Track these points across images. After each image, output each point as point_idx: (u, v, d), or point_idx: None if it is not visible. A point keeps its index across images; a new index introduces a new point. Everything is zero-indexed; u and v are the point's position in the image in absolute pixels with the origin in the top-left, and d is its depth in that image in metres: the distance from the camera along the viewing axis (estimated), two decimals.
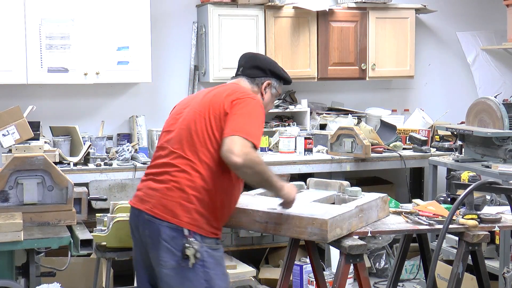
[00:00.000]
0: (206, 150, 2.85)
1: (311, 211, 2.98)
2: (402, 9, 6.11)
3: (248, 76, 3.12)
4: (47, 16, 5.07)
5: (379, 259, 5.58)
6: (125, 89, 5.73)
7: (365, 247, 2.99)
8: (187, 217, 2.80)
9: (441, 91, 6.68)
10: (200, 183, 2.83)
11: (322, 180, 3.52)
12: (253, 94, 3.00)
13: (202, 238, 2.81)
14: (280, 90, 3.21)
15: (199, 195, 2.83)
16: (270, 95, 3.14)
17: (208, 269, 2.82)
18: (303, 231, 2.93)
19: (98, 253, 3.75)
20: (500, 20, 6.43)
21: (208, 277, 2.82)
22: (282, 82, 3.19)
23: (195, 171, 2.84)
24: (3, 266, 3.23)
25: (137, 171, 5.01)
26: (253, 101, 2.91)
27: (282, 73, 3.18)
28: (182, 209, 2.81)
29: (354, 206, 3.08)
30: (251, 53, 3.29)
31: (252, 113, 2.85)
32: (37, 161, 3.36)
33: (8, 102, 5.07)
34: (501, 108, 5.01)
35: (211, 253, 2.84)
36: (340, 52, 5.92)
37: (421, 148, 5.69)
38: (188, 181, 2.83)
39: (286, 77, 3.19)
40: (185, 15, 5.85)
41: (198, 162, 2.84)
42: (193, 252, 2.77)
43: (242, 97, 2.90)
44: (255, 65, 3.13)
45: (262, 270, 5.43)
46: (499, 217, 3.25)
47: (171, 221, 2.81)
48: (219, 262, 2.88)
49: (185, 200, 2.82)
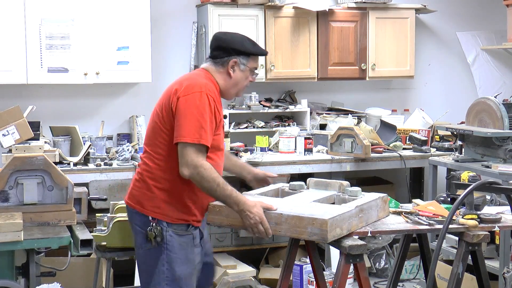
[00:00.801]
0: (161, 143, 3.06)
1: (311, 211, 2.98)
2: (402, 9, 6.11)
3: (213, 58, 3.19)
4: (47, 16, 5.07)
5: (379, 259, 5.58)
6: (125, 89, 5.73)
7: (365, 247, 2.99)
8: (150, 206, 3.08)
9: (441, 91, 6.68)
10: (159, 173, 3.07)
11: (322, 180, 3.52)
12: (198, 86, 3.01)
13: (168, 224, 3.06)
14: (254, 64, 3.20)
15: (160, 185, 3.07)
16: (240, 73, 3.16)
17: (170, 252, 3.06)
18: (303, 231, 2.93)
19: (98, 253, 3.75)
20: (500, 20, 6.43)
21: (170, 259, 3.06)
22: (251, 57, 3.18)
23: (153, 163, 3.08)
24: (3, 266, 3.23)
25: None
26: (195, 97, 2.98)
27: (247, 47, 3.16)
28: (145, 198, 3.09)
29: (354, 206, 3.07)
30: (216, 34, 3.31)
31: (194, 111, 2.96)
32: (37, 161, 3.36)
33: (8, 102, 5.07)
34: (501, 108, 5.01)
35: (175, 238, 3.07)
36: (340, 52, 5.92)
37: (421, 148, 5.69)
38: (148, 172, 3.09)
39: (252, 50, 3.17)
40: (185, 15, 5.85)
41: (156, 155, 3.08)
42: (153, 235, 3.04)
43: (186, 93, 3.00)
44: (218, 45, 3.18)
45: (262, 270, 5.43)
46: (499, 217, 3.25)
47: (139, 210, 3.10)
48: (183, 247, 3.08)
49: (147, 190, 3.09)
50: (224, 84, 3.17)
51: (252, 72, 3.21)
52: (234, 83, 3.17)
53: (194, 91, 3.00)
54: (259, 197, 3.25)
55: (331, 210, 2.99)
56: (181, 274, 3.08)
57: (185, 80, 3.11)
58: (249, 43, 3.18)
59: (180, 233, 3.09)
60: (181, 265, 3.08)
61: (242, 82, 3.19)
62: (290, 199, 3.26)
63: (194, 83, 3.05)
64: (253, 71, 3.22)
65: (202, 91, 3.00)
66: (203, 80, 3.08)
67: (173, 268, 3.06)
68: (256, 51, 3.19)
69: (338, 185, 3.44)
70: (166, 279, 3.07)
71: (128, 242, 3.69)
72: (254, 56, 3.19)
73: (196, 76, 3.13)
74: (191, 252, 3.12)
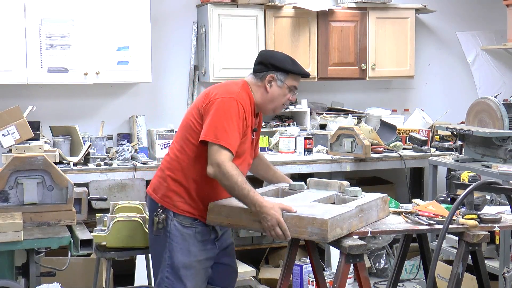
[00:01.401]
0: (186, 138, 3.21)
1: (311, 211, 2.98)
2: (402, 9, 6.11)
3: (254, 72, 3.32)
4: (47, 16, 5.07)
5: (379, 259, 5.58)
6: (125, 89, 5.73)
7: (365, 247, 2.99)
8: (161, 194, 3.24)
9: (441, 91, 6.68)
10: (175, 165, 3.23)
11: (322, 180, 3.52)
12: (230, 93, 3.15)
13: (174, 214, 3.20)
14: (292, 82, 3.29)
15: (174, 175, 3.22)
16: (277, 89, 3.26)
17: (172, 241, 3.21)
18: (303, 231, 2.93)
19: (98, 253, 3.75)
20: (500, 20, 6.43)
21: (171, 248, 3.21)
22: (290, 75, 3.26)
23: (174, 155, 3.25)
24: (3, 266, 3.23)
25: (137, 171, 5.02)
26: (224, 101, 3.11)
27: (286, 65, 3.26)
28: (159, 186, 3.26)
29: (354, 206, 3.07)
30: (261, 50, 3.48)
31: (221, 113, 3.09)
32: (37, 161, 3.36)
33: (8, 102, 5.07)
34: (501, 108, 5.01)
35: (179, 229, 3.20)
36: (340, 52, 5.92)
37: (421, 148, 5.69)
38: (167, 162, 3.27)
39: (291, 68, 3.26)
40: (185, 15, 5.85)
41: (180, 148, 3.23)
42: (156, 221, 3.20)
43: (216, 98, 3.14)
44: (259, 60, 3.34)
45: (262, 270, 5.43)
46: (499, 217, 3.25)
47: (152, 196, 3.27)
48: (185, 239, 3.21)
49: (162, 179, 3.26)
50: (261, 98, 3.27)
51: (290, 91, 3.29)
52: (271, 99, 3.28)
53: (225, 96, 3.14)
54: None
55: (331, 210, 2.99)
56: (179, 264, 3.20)
57: (222, 86, 3.25)
58: (289, 62, 3.28)
59: (184, 224, 3.21)
60: (181, 255, 3.20)
61: (280, 98, 3.29)
62: (290, 199, 3.26)
63: (228, 90, 3.19)
64: (292, 90, 3.30)
65: (232, 97, 3.13)
66: (238, 90, 3.19)
67: (172, 256, 3.21)
68: (294, 69, 3.27)
69: (338, 185, 3.45)
70: (167, 266, 3.22)
71: (128, 242, 3.70)
72: (292, 74, 3.27)
73: (232, 85, 3.25)
74: (194, 245, 3.22)
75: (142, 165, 5.07)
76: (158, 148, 5.12)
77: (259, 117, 3.43)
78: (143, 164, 5.08)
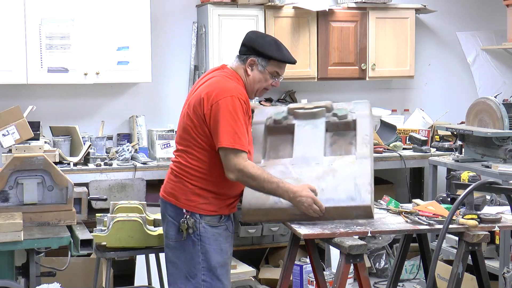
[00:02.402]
0: (194, 145, 3.17)
1: (344, 193, 3.10)
2: (402, 9, 6.10)
3: (238, 53, 3.29)
4: (47, 16, 5.07)
5: (379, 259, 5.58)
6: (125, 89, 5.73)
7: (365, 247, 2.99)
8: (184, 199, 3.19)
9: (441, 91, 6.68)
10: (192, 172, 3.17)
11: (308, 112, 3.45)
12: (229, 91, 3.09)
13: (200, 216, 3.17)
14: (274, 69, 3.22)
15: (193, 181, 3.17)
16: (258, 73, 3.21)
17: (204, 243, 3.17)
18: (348, 215, 3.12)
19: (98, 253, 3.75)
20: (500, 20, 6.43)
21: (204, 250, 3.17)
22: (272, 61, 3.20)
23: (187, 162, 3.19)
24: (3, 266, 3.23)
25: (137, 171, 5.02)
26: (227, 102, 3.05)
27: (268, 51, 3.19)
28: (180, 192, 3.20)
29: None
30: (248, 32, 3.36)
31: (227, 117, 3.05)
32: (37, 161, 3.35)
33: (8, 102, 5.07)
34: (501, 108, 5.01)
35: (209, 230, 3.17)
36: (340, 52, 5.92)
37: (421, 148, 5.69)
38: (182, 170, 3.20)
39: (273, 55, 3.19)
40: (185, 15, 5.85)
41: (190, 155, 3.18)
42: (185, 227, 3.16)
43: (217, 100, 3.07)
44: (244, 42, 3.27)
45: (262, 270, 5.43)
46: (499, 217, 3.25)
47: (173, 202, 3.21)
48: (216, 238, 3.19)
49: (181, 184, 3.20)
50: (247, 82, 3.24)
51: (273, 76, 3.25)
52: (252, 82, 3.23)
53: (225, 95, 3.08)
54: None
55: (362, 185, 3.10)
56: (216, 264, 3.19)
57: (215, 84, 3.15)
58: (273, 47, 3.21)
59: (213, 224, 3.19)
60: (216, 255, 3.19)
61: (261, 83, 3.24)
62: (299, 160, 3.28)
63: (224, 88, 3.11)
64: (274, 76, 3.25)
65: (233, 95, 3.09)
66: (232, 83, 3.15)
67: (208, 258, 3.17)
68: (276, 56, 3.21)
69: (324, 112, 3.44)
70: (202, 269, 3.18)
71: (128, 242, 3.69)
72: (275, 61, 3.21)
73: (224, 80, 3.17)
74: (225, 242, 3.23)
75: (142, 165, 5.07)
76: (158, 148, 5.12)
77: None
78: (143, 164, 5.08)
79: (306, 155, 3.29)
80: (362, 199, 3.09)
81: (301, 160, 3.28)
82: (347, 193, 3.12)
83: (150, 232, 3.66)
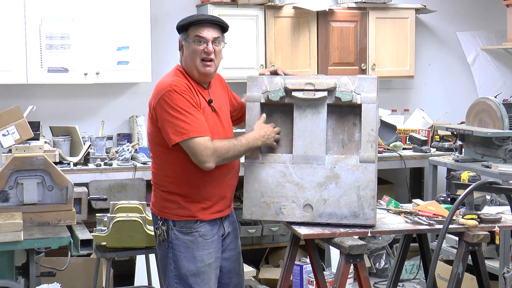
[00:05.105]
0: (152, 147, 3.21)
1: (347, 208, 3.11)
2: (402, 9, 6.10)
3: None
4: (47, 16, 5.07)
5: (379, 259, 5.58)
6: (125, 89, 5.73)
7: (365, 247, 2.99)
8: (159, 206, 3.20)
9: (441, 91, 6.68)
10: (159, 177, 3.19)
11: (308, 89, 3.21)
12: (163, 88, 3.07)
13: (173, 223, 3.15)
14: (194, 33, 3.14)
15: (162, 187, 3.17)
16: (186, 50, 3.18)
17: (175, 250, 3.14)
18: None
19: (98, 253, 3.76)
20: (500, 20, 6.43)
21: (175, 258, 3.14)
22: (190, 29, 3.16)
23: (154, 169, 3.23)
24: (3, 266, 3.23)
25: (137, 171, 5.02)
26: (164, 99, 3.04)
27: (180, 23, 3.20)
28: (155, 199, 3.22)
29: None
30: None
31: (171, 112, 3.02)
32: (37, 161, 3.36)
33: (8, 102, 5.07)
34: (501, 108, 5.01)
35: (180, 237, 3.14)
36: (340, 52, 5.92)
37: (421, 148, 5.69)
38: (153, 176, 3.25)
39: (182, 24, 3.17)
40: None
41: (156, 160, 3.21)
42: (157, 234, 3.18)
43: (155, 101, 3.08)
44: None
45: (262, 270, 5.43)
46: (499, 217, 3.25)
47: (153, 210, 3.25)
48: (188, 246, 3.13)
49: (156, 192, 3.23)
50: (185, 66, 3.19)
51: (199, 43, 3.14)
52: (187, 61, 3.17)
53: (159, 95, 3.07)
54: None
55: (365, 199, 3.14)
56: (186, 272, 3.12)
57: (155, 87, 3.16)
58: (186, 18, 3.19)
59: (184, 231, 3.13)
60: (187, 263, 3.12)
61: (193, 56, 3.13)
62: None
63: (159, 87, 3.11)
64: (197, 41, 3.14)
65: (168, 90, 3.05)
66: (168, 78, 3.12)
67: (178, 266, 3.13)
68: (187, 21, 3.16)
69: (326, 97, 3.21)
70: (174, 277, 3.15)
71: (128, 242, 3.70)
72: (191, 26, 3.16)
73: (163, 78, 3.19)
74: (198, 250, 3.13)
75: (142, 165, 5.07)
76: None
77: (222, 85, 3.36)
78: (143, 164, 5.08)
79: (307, 153, 3.18)
80: (365, 217, 3.08)
81: (302, 159, 3.19)
82: (350, 207, 3.10)
83: (150, 232, 3.66)
